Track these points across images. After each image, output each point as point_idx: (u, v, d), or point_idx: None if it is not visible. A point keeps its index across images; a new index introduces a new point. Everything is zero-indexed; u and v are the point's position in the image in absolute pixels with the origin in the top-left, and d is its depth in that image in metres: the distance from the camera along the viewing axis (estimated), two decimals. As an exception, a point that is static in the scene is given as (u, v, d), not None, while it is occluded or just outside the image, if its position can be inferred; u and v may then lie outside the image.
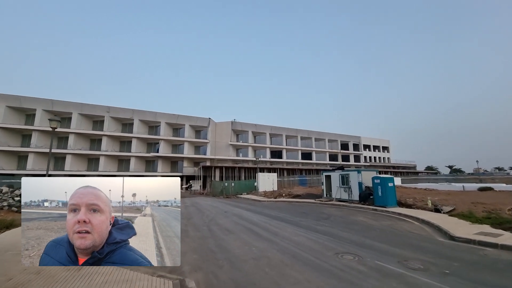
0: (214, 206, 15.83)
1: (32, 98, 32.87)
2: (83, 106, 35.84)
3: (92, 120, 37.90)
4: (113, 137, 37.47)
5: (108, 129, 36.44)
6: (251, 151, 45.51)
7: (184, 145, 40.16)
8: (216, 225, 9.10)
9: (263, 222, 9.73)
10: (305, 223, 9.41)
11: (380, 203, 14.10)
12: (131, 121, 38.37)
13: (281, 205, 17.16)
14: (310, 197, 21.31)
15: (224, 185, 26.59)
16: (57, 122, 10.00)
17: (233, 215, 11.79)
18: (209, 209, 14.31)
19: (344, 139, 55.61)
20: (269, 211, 13.15)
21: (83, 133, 35.84)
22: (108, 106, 36.94)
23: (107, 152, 35.90)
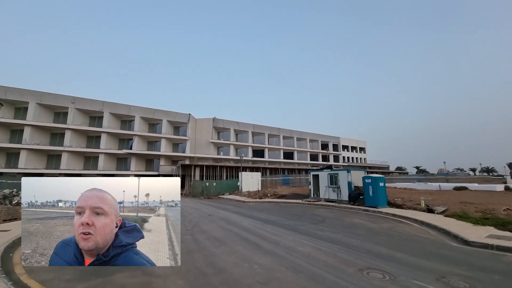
0: (195, 209, 14.27)
1: (-23, 83, 28.06)
2: (43, 95, 31.54)
3: (53, 111, 33.57)
4: (79, 131, 33.55)
5: (73, 122, 32.49)
6: (233, 150, 43.99)
7: (161, 142, 37.40)
8: (202, 232, 7.71)
9: (256, 227, 8.54)
10: (302, 228, 8.43)
11: (371, 203, 13.69)
12: (101, 114, 34.71)
13: (268, 206, 16.12)
14: (296, 197, 20.60)
15: (205, 185, 24.89)
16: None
17: (219, 219, 10.43)
18: (190, 211, 12.76)
19: (324, 139, 56.44)
20: (258, 214, 12.01)
21: (42, 126, 31.53)
22: (73, 97, 32.95)
23: (71, 148, 31.99)
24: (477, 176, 72.61)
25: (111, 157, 35.18)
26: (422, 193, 18.82)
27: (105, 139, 34.01)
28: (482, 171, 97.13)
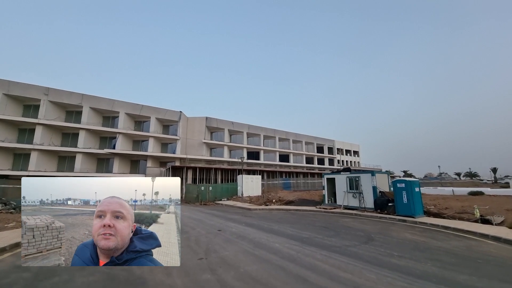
0: (197, 220, 11.50)
1: None
2: (11, 84, 27.24)
3: (22, 104, 29.22)
4: (52, 127, 29.38)
5: (45, 116, 28.33)
6: (227, 151, 41.16)
7: (149, 142, 33.89)
8: (224, 264, 5.11)
9: (297, 252, 6.07)
10: (361, 252, 6.10)
11: (406, 212, 11.64)
12: (79, 108, 30.77)
13: (282, 215, 13.66)
14: (305, 204, 18.33)
15: (200, 190, 21.97)
16: None
17: (236, 236, 7.83)
18: (192, 225, 10.01)
19: (319, 142, 55.01)
20: (279, 227, 9.52)
21: (9, 120, 27.16)
22: (46, 88, 28.85)
23: (43, 146, 27.78)
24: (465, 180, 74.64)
25: (91, 157, 31.19)
26: (444, 198, 17.24)
27: (83, 137, 30.05)
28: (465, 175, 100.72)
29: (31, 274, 4.46)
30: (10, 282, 4.09)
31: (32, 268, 4.77)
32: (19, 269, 4.68)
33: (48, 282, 4.18)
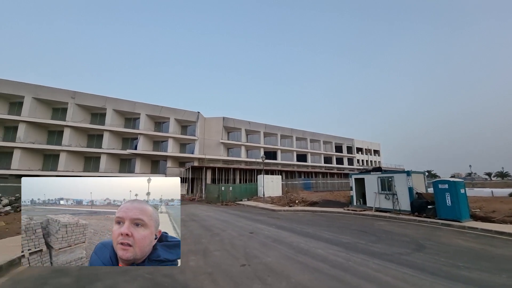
0: (224, 221, 11.20)
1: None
2: (39, 89, 28.72)
3: (51, 107, 30.72)
4: (79, 129, 30.64)
5: (72, 119, 29.59)
6: (244, 151, 40.95)
7: (168, 142, 34.43)
8: (272, 274, 4.65)
9: (345, 259, 5.50)
10: (411, 259, 5.50)
11: (449, 215, 10.61)
12: (103, 110, 31.86)
13: (310, 217, 13.05)
14: (331, 205, 17.55)
15: (221, 190, 21.80)
16: None
17: (271, 240, 7.38)
18: (221, 227, 9.70)
19: (338, 141, 53.35)
20: (313, 230, 8.96)
21: (39, 123, 28.63)
22: (73, 91, 30.13)
23: (70, 147, 29.02)
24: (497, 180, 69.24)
25: (114, 157, 32.18)
26: (485, 200, 15.75)
27: (107, 138, 31.06)
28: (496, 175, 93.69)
29: (72, 279, 4.26)
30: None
31: (72, 272, 4.59)
32: (58, 274, 4.50)
33: (92, 286, 3.94)
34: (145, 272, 4.55)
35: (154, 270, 4.69)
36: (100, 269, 4.74)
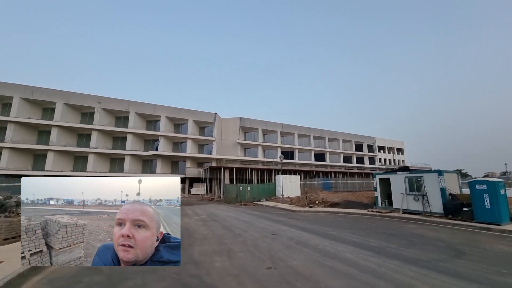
0: (245, 221, 11.15)
1: (8, 84, 27.60)
2: (69, 95, 30.73)
3: (80, 112, 32.74)
4: (104, 132, 32.36)
5: (99, 122, 31.32)
6: (261, 151, 40.85)
7: (187, 143, 35.27)
8: (300, 279, 4.46)
9: (377, 265, 5.17)
10: (451, 267, 5.05)
11: (488, 218, 9.72)
12: (126, 114, 33.36)
13: (331, 218, 12.63)
14: (353, 206, 16.90)
15: (239, 190, 21.87)
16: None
17: (294, 242, 7.17)
18: (243, 227, 9.65)
19: (358, 139, 51.46)
20: (337, 233, 8.61)
21: (69, 127, 30.64)
22: (99, 96, 31.88)
23: (97, 149, 30.73)
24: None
25: (137, 159, 33.58)
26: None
27: (131, 140, 32.49)
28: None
29: (104, 277, 4.38)
30: (84, 287, 4.00)
31: (104, 270, 4.73)
32: (91, 271, 4.65)
33: (123, 285, 4.01)
34: (172, 272, 4.57)
35: (181, 270, 4.70)
36: (129, 268, 4.84)
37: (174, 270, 4.71)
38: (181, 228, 8.49)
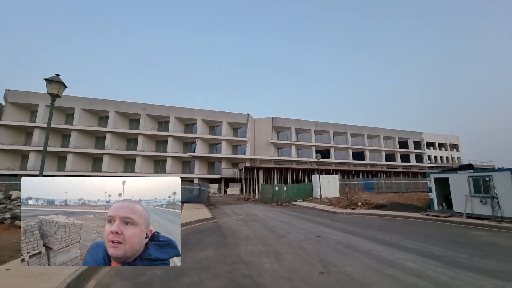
0: (286, 222, 10.94)
1: (71, 97, 31.90)
2: (119, 104, 34.27)
3: (128, 118, 36.26)
4: (149, 136, 35.30)
5: (144, 127, 34.30)
6: (295, 150, 40.11)
7: (222, 144, 36.44)
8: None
9: (450, 277, 4.51)
10: None
11: None
12: (167, 119, 35.88)
13: (379, 221, 11.65)
14: (402, 209, 15.42)
15: (275, 190, 21.71)
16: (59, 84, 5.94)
17: (344, 246, 6.72)
18: (284, 228, 9.47)
19: (402, 135, 47.05)
20: (390, 237, 7.84)
21: (120, 132, 34.17)
22: (144, 104, 34.91)
23: (143, 152, 33.66)
24: None
25: (177, 160, 35.85)
26: None
27: (171, 143, 34.83)
28: None
29: (163, 272, 4.61)
30: (147, 280, 4.26)
31: (162, 264, 5.02)
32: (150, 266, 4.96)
33: (181, 282, 4.17)
34: (225, 271, 4.63)
35: (232, 269, 4.72)
36: (183, 264, 5.05)
37: (226, 269, 4.76)
38: (224, 227, 8.66)
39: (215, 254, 5.83)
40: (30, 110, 33.11)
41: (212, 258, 5.49)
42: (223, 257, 5.57)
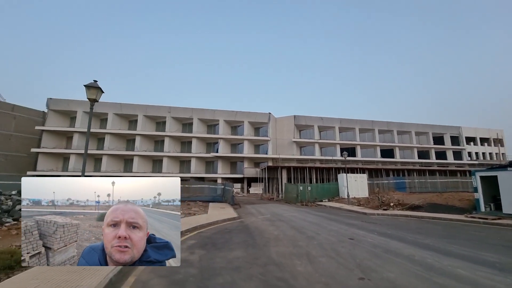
0: (314, 223, 10.59)
1: (104, 103, 34.26)
2: (147, 107, 36.09)
3: (155, 121, 38.04)
4: (174, 138, 36.71)
5: (169, 129, 35.74)
6: (318, 149, 39.02)
7: (244, 144, 36.66)
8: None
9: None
10: None
11: None
12: (191, 120, 37.01)
13: (415, 223, 10.79)
14: (442, 210, 14.21)
15: (299, 189, 21.26)
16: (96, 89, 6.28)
17: (382, 250, 6.25)
18: (313, 229, 9.15)
19: (437, 130, 43.44)
20: (433, 242, 7.16)
21: (148, 135, 35.98)
22: (169, 107, 36.38)
23: (169, 153, 35.09)
24: None
25: (201, 160, 36.81)
26: None
27: (195, 144, 35.85)
28: None
29: (197, 271, 4.63)
30: (182, 278, 4.28)
31: (194, 264, 5.05)
32: (183, 263, 5.01)
33: (215, 281, 4.14)
34: (257, 272, 4.51)
35: (265, 271, 4.60)
36: (215, 264, 5.04)
37: (259, 270, 4.65)
38: (251, 226, 8.56)
39: (245, 255, 5.75)
40: (69, 117, 36.24)
41: (243, 259, 5.42)
42: (253, 258, 5.47)
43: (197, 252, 6.01)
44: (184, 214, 12.12)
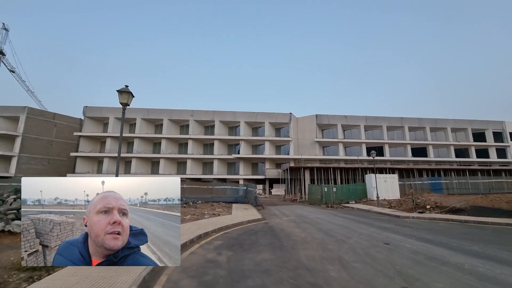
0: (342, 226, 10.08)
1: (133, 109, 36.32)
2: (172, 112, 37.59)
3: (179, 125, 39.47)
4: (197, 140, 37.75)
5: (192, 132, 36.84)
6: (342, 148, 37.56)
7: (265, 145, 36.53)
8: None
9: None
10: None
11: None
12: (212, 123, 37.82)
13: (460, 228, 9.79)
14: (488, 213, 12.80)
15: (323, 191, 20.54)
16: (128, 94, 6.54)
17: (424, 257, 5.69)
18: (340, 231, 8.70)
19: (477, 126, 39.49)
20: (486, 249, 6.37)
21: (172, 138, 37.43)
22: (192, 110, 37.54)
23: (193, 155, 36.13)
24: None
25: (223, 162, 37.38)
26: None
27: (217, 146, 36.51)
28: None
29: (226, 272, 4.55)
30: (212, 280, 4.23)
31: (223, 265, 4.99)
32: (212, 264, 4.98)
33: (245, 284, 4.02)
34: (288, 277, 4.32)
35: (296, 275, 4.38)
36: (244, 265, 4.93)
37: (289, 274, 4.44)
38: (276, 228, 8.33)
39: (274, 257, 5.57)
40: (103, 123, 39.00)
41: (271, 261, 5.25)
42: (282, 261, 5.27)
43: (225, 253, 5.96)
44: (209, 215, 12.25)
